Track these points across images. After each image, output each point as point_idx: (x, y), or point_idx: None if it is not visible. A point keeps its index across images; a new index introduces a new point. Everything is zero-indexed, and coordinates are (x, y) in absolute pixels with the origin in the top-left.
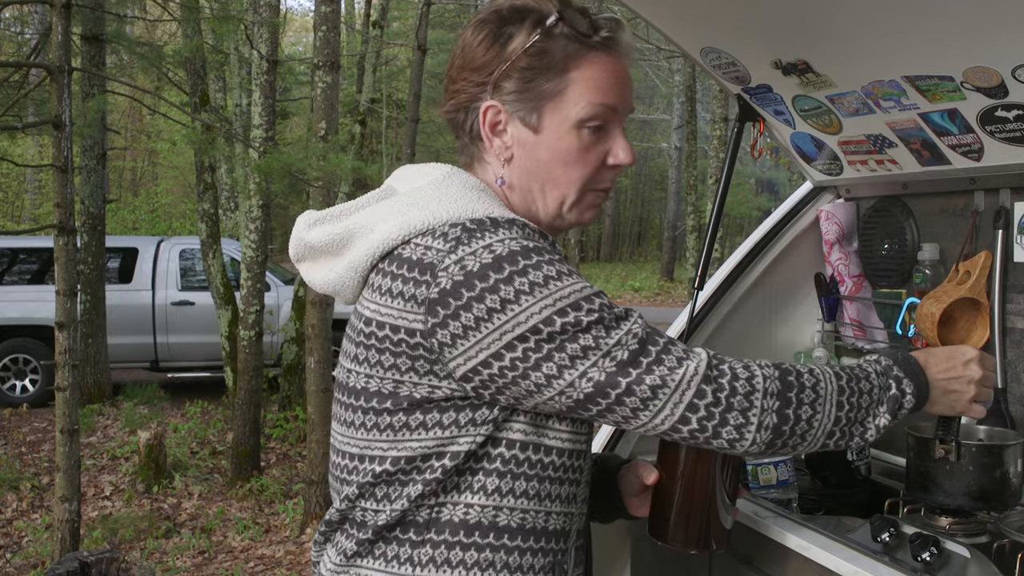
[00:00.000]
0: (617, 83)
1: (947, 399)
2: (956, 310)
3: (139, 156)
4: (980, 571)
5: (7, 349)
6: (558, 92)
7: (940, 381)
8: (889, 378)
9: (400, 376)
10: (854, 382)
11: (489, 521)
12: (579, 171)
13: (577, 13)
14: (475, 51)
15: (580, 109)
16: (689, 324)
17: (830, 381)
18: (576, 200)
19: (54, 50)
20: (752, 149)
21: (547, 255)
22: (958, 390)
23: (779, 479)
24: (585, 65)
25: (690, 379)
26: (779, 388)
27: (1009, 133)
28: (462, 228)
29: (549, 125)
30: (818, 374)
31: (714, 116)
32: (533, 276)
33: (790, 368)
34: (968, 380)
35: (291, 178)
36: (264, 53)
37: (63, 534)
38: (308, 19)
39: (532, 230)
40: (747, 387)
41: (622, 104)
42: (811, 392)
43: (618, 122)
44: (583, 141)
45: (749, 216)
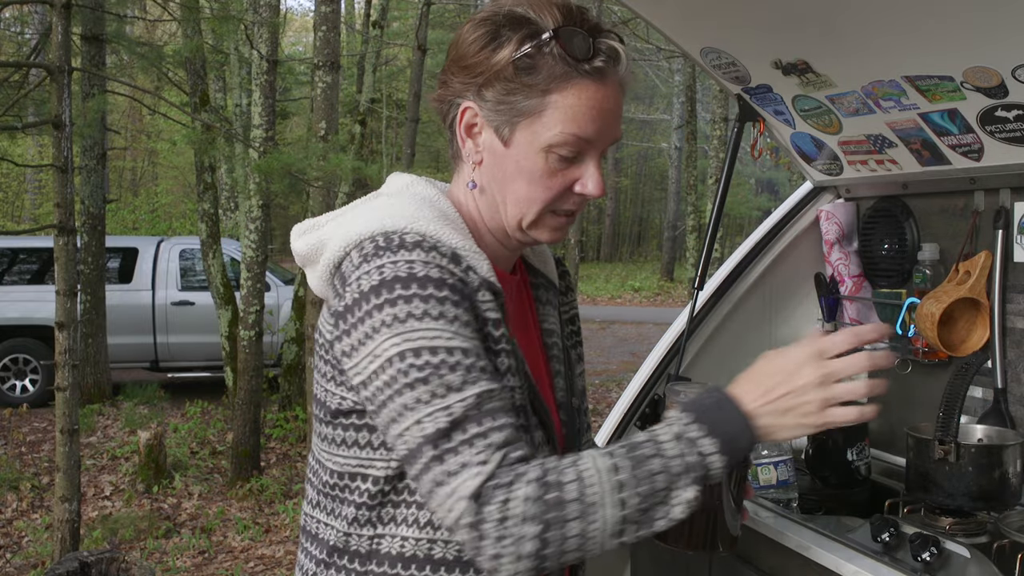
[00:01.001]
0: (598, 115)
1: (789, 420)
2: (956, 310)
3: (139, 156)
4: (980, 571)
5: (7, 349)
6: (535, 112)
7: (768, 406)
8: (683, 442)
9: (326, 384)
10: (638, 467)
11: (424, 554)
12: (542, 193)
13: (577, 34)
14: (467, 49)
15: (552, 135)
16: (689, 324)
17: (603, 481)
18: (535, 220)
19: (54, 50)
20: (752, 149)
21: (428, 289)
22: (795, 405)
23: (779, 479)
24: (568, 91)
25: (458, 495)
26: (538, 512)
27: (1009, 133)
28: (375, 243)
29: (519, 142)
30: (588, 476)
31: (714, 116)
32: (399, 309)
33: (551, 482)
34: (804, 387)
35: (291, 178)
36: (264, 53)
37: (63, 534)
38: (308, 19)
39: (439, 254)
40: (503, 512)
41: (599, 137)
42: (578, 504)
43: (593, 152)
44: (550, 165)
45: (749, 216)
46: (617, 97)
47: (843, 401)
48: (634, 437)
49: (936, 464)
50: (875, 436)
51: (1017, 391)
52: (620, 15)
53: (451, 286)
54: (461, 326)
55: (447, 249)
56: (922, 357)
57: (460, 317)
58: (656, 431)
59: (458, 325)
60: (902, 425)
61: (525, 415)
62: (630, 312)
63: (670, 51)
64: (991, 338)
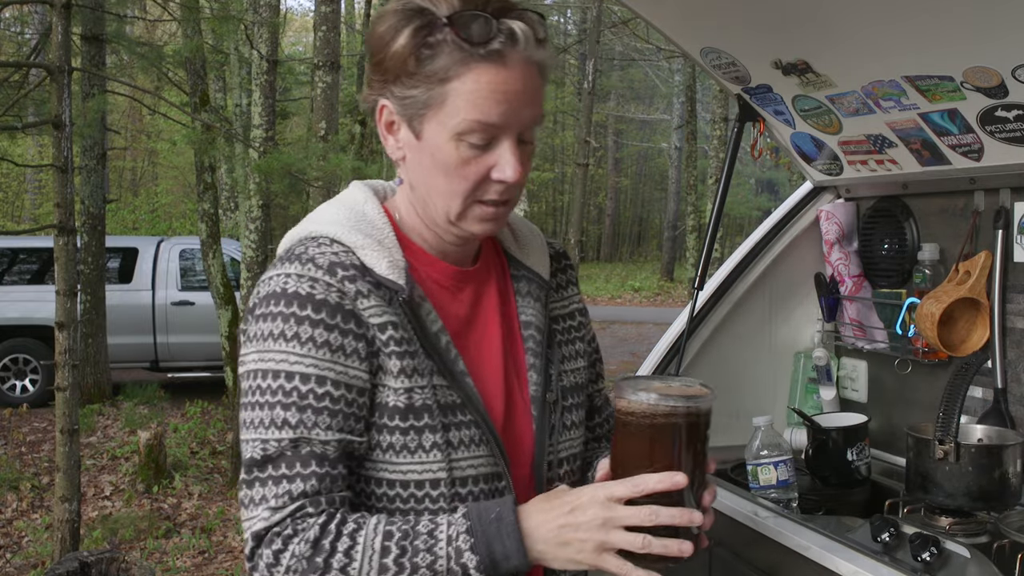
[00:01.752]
0: (502, 99)
1: (564, 552)
2: (956, 310)
3: (139, 156)
4: (980, 571)
5: (7, 349)
6: (438, 102)
7: (548, 533)
8: (452, 548)
9: None
10: (407, 557)
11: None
12: (460, 184)
13: (476, 18)
14: (374, 46)
15: (456, 123)
16: (689, 324)
17: (370, 560)
18: (461, 212)
19: (54, 50)
20: (752, 149)
21: (292, 307)
22: (573, 540)
23: (779, 479)
24: (467, 76)
25: (248, 528)
26: (302, 570)
27: (1009, 133)
28: (283, 252)
29: (429, 134)
30: (356, 552)
31: (714, 116)
32: (263, 326)
33: (324, 546)
34: (584, 524)
35: (291, 178)
36: (264, 53)
37: (63, 534)
38: (308, 19)
39: (315, 266)
40: (275, 559)
41: (505, 120)
42: (339, 574)
43: (506, 137)
44: (462, 155)
45: (749, 216)
46: (524, 77)
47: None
48: (422, 522)
49: (936, 464)
50: (875, 436)
51: (1017, 391)
52: (620, 15)
53: (319, 302)
54: (315, 347)
55: (325, 260)
56: (922, 357)
57: (317, 338)
58: (440, 524)
59: (310, 347)
60: (902, 425)
61: (451, 413)
62: (630, 312)
63: (670, 51)
64: (991, 338)
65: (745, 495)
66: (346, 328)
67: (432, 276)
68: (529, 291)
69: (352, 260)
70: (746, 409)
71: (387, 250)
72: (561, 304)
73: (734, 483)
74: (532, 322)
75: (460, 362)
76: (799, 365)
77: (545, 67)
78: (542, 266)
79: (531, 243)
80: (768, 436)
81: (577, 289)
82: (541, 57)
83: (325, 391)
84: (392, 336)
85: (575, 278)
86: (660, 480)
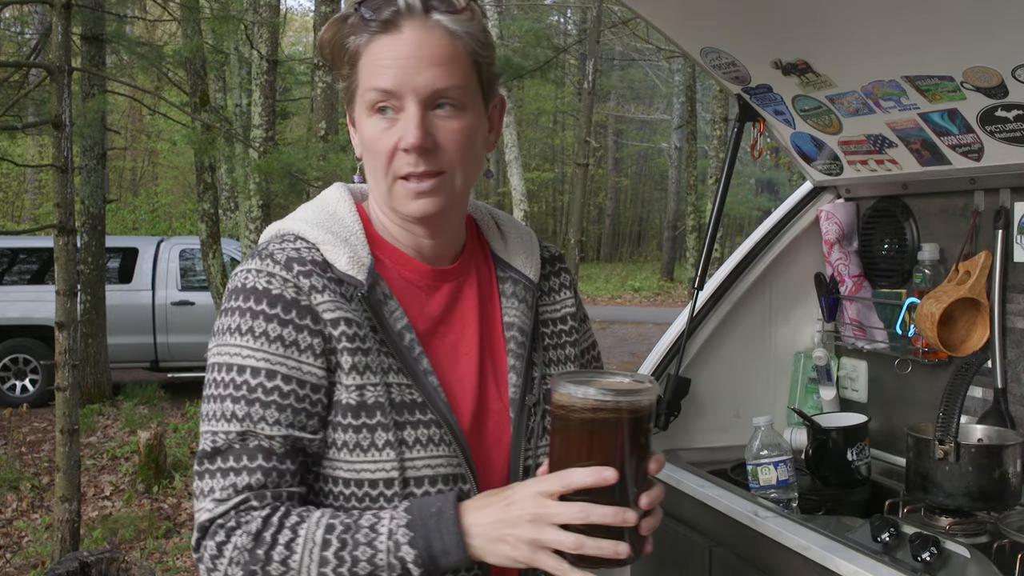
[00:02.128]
0: (393, 64)
1: (499, 548)
2: (956, 310)
3: (139, 156)
4: (980, 571)
5: (7, 349)
6: (355, 84)
7: (484, 528)
8: (392, 542)
9: None
10: (347, 549)
11: None
12: (379, 160)
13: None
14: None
15: (363, 96)
16: (689, 324)
17: (310, 553)
18: (387, 192)
19: (54, 50)
20: (752, 149)
21: (249, 302)
22: (505, 536)
23: (779, 479)
24: (367, 52)
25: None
26: (244, 562)
27: (1009, 133)
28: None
29: (357, 118)
30: (297, 545)
31: (714, 116)
32: (224, 320)
33: (265, 539)
34: (515, 520)
35: (291, 178)
36: (264, 53)
37: (63, 534)
38: (308, 19)
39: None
40: (218, 551)
41: (400, 84)
42: (280, 567)
43: (407, 104)
44: (377, 128)
45: (749, 216)
46: (421, 42)
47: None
48: (365, 516)
49: (936, 464)
50: (875, 436)
51: (1017, 391)
52: (620, 15)
53: (274, 297)
54: (267, 342)
55: (283, 256)
56: (922, 357)
57: (270, 332)
58: (382, 519)
59: (263, 341)
60: (902, 425)
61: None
62: (630, 312)
63: (670, 51)
64: (991, 338)
65: (745, 495)
66: (301, 324)
67: (404, 274)
68: (514, 292)
69: (314, 256)
70: (746, 409)
71: (351, 247)
72: (552, 307)
73: (734, 483)
74: (515, 323)
75: (424, 360)
76: (799, 365)
77: (456, 33)
78: (530, 268)
79: (519, 244)
80: (768, 436)
81: (571, 293)
82: (447, 22)
83: (274, 385)
84: (344, 332)
85: (570, 282)
86: (588, 474)
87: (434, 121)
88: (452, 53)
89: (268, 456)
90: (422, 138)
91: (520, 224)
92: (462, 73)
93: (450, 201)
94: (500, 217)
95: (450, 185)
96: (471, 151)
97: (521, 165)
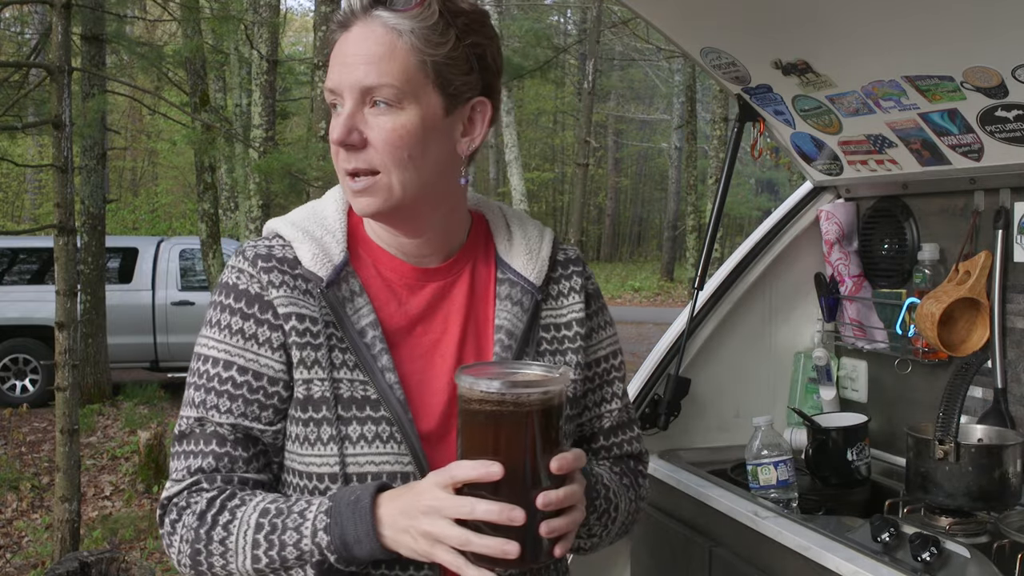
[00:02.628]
0: (339, 61)
1: (404, 540)
2: (956, 310)
3: (139, 156)
4: (980, 571)
5: (7, 349)
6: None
7: (392, 519)
8: (311, 529)
9: None
10: (277, 533)
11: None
12: (333, 155)
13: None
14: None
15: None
16: (689, 324)
17: (244, 535)
18: (344, 187)
19: (54, 50)
20: (752, 149)
21: (222, 296)
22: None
23: (779, 479)
24: (332, 52)
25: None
26: (191, 539)
27: (1009, 133)
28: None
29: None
30: (235, 526)
31: (714, 116)
32: (207, 313)
33: (208, 519)
34: (413, 511)
35: (291, 178)
36: (264, 53)
37: (63, 534)
38: (308, 19)
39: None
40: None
41: (340, 81)
42: (219, 546)
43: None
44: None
45: (749, 216)
46: (361, 39)
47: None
48: (299, 502)
49: (936, 464)
50: (875, 436)
51: (1017, 391)
52: (620, 15)
53: (240, 291)
54: (229, 334)
55: (252, 252)
56: (922, 357)
57: (232, 325)
58: (311, 505)
59: (227, 333)
60: (902, 425)
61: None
62: (630, 312)
63: (670, 51)
64: (991, 338)
65: (745, 495)
66: (262, 318)
67: (383, 273)
68: (509, 295)
69: (284, 253)
70: (746, 409)
71: (319, 244)
72: (556, 312)
73: (734, 483)
74: (504, 326)
75: (384, 358)
76: (799, 365)
77: (397, 29)
78: (530, 269)
79: (522, 245)
80: (768, 436)
81: (580, 298)
82: (387, 18)
83: (229, 376)
84: (295, 327)
85: (581, 286)
86: (473, 468)
87: (368, 118)
88: (388, 51)
89: (221, 442)
90: (344, 134)
91: (532, 224)
92: (399, 70)
93: (389, 202)
94: (512, 216)
95: (383, 186)
96: (410, 151)
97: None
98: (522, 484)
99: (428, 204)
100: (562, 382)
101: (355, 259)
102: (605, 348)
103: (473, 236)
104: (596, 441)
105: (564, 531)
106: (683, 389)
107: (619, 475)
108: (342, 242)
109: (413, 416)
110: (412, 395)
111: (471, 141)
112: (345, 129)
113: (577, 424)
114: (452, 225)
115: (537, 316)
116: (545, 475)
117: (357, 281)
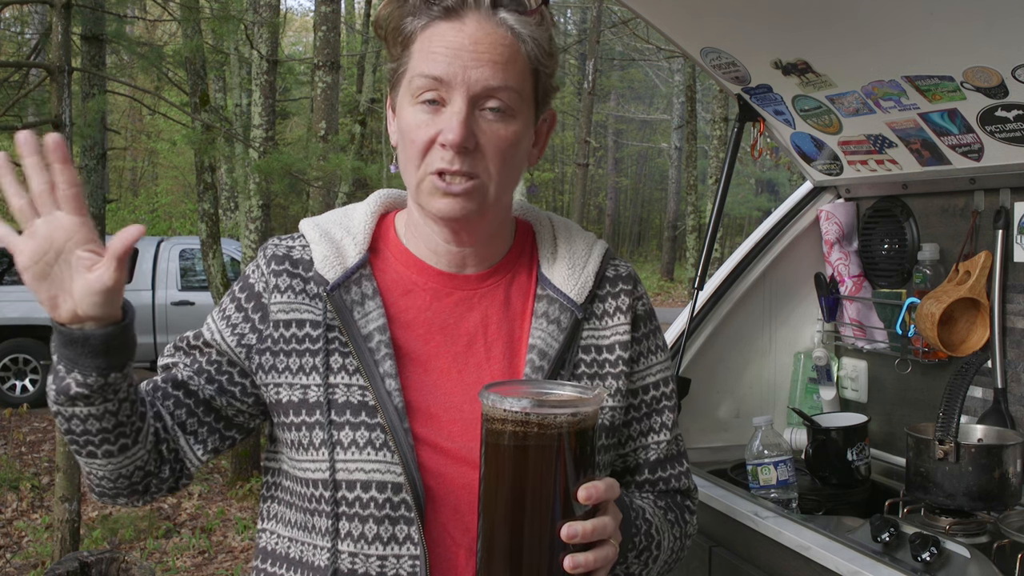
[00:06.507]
0: (448, 53)
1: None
2: (956, 310)
3: (139, 156)
4: (980, 571)
5: (7, 349)
6: (404, 68)
7: None
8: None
9: None
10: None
11: (271, 547)
12: (414, 150)
13: None
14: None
15: (410, 82)
16: (689, 324)
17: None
18: (418, 184)
19: (54, 50)
20: (752, 149)
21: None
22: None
23: (779, 479)
24: (424, 35)
25: None
26: None
27: (1009, 133)
28: None
29: (400, 103)
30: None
31: (714, 116)
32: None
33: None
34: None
35: (291, 178)
36: (264, 53)
37: (63, 534)
38: (308, 19)
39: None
40: None
41: (451, 75)
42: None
43: (455, 97)
44: (418, 118)
45: (749, 216)
46: (481, 37)
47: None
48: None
49: (936, 464)
50: (875, 436)
51: (1017, 391)
52: (620, 15)
53: (249, 286)
54: (224, 320)
55: (271, 252)
56: (922, 357)
57: (231, 316)
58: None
59: (224, 323)
60: (902, 425)
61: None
62: None
63: (670, 51)
64: (991, 338)
65: (745, 495)
66: (252, 316)
67: (410, 277)
68: (546, 312)
69: (303, 254)
70: (746, 409)
71: (335, 246)
72: (599, 332)
73: (734, 483)
74: (537, 345)
75: (388, 363)
76: (799, 365)
77: (521, 34)
78: (571, 286)
79: (565, 261)
80: (768, 436)
81: (626, 319)
82: (513, 21)
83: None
84: (295, 334)
85: (628, 306)
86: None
87: (479, 122)
88: (512, 54)
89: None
90: (464, 136)
91: (581, 236)
92: (519, 77)
93: (480, 209)
94: (560, 227)
95: (482, 193)
96: (511, 162)
97: None
98: (546, 513)
99: (496, 213)
100: (595, 404)
101: (380, 261)
102: (655, 375)
103: (517, 248)
104: (640, 474)
105: (592, 567)
106: (683, 389)
107: (664, 510)
108: (361, 244)
109: (413, 426)
110: (417, 405)
111: (539, 152)
112: (465, 130)
113: (620, 455)
114: (498, 237)
115: (576, 336)
116: (575, 505)
117: (372, 284)
